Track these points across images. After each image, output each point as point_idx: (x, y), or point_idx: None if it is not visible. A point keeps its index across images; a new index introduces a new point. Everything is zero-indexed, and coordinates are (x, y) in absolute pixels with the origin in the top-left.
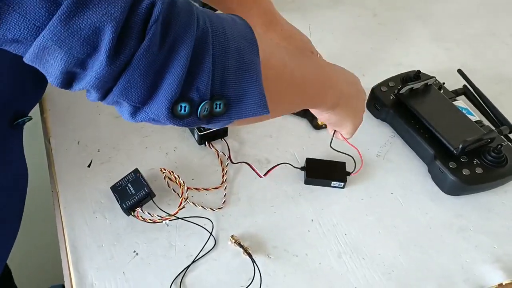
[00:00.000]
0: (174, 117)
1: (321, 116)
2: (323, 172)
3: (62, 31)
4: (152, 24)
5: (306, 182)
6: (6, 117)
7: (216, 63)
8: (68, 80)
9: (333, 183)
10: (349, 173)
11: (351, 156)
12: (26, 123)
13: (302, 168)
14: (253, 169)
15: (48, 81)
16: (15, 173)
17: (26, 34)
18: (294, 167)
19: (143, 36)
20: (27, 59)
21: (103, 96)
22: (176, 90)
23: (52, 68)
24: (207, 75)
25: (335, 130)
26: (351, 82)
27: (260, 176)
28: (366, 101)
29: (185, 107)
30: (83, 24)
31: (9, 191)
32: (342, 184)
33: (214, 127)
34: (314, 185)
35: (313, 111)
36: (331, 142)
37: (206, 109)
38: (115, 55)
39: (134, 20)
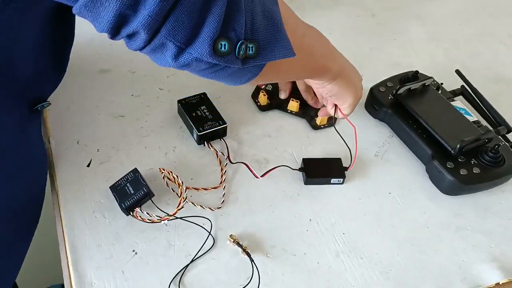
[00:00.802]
0: (215, 54)
1: (323, 89)
2: (321, 171)
3: None
4: None
5: (306, 183)
6: (27, 101)
7: (246, 9)
8: (118, 24)
9: (333, 180)
10: (346, 168)
11: (348, 147)
12: (45, 107)
13: (300, 169)
14: (250, 170)
15: (97, 29)
16: (35, 158)
17: None
18: (292, 169)
19: None
20: (76, 9)
21: (151, 38)
22: (217, 28)
23: (105, 11)
24: (242, 17)
25: (335, 109)
26: (347, 60)
27: (257, 177)
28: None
29: (224, 45)
30: None
31: (32, 174)
32: (342, 180)
33: (248, 74)
34: (314, 184)
35: (315, 84)
36: (334, 121)
37: (242, 49)
38: None
39: None
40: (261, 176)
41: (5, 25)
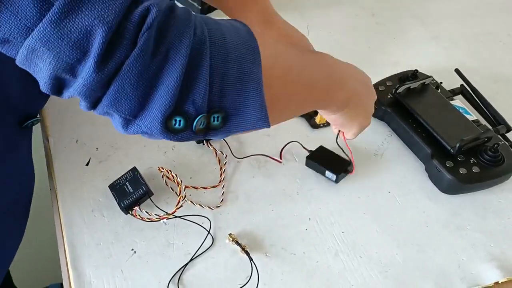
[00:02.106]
0: (168, 131)
1: (328, 117)
2: (324, 160)
3: (52, 33)
4: (144, 31)
5: (306, 164)
6: (16, 119)
7: (214, 73)
8: (58, 86)
9: (327, 173)
10: (346, 171)
11: (348, 157)
12: (35, 124)
13: (310, 151)
14: (271, 158)
15: (40, 87)
16: (22, 174)
17: (16, 34)
18: (303, 147)
19: (135, 44)
20: (18, 62)
21: (93, 106)
22: (170, 103)
23: (41, 72)
24: (203, 87)
25: (339, 130)
26: (361, 81)
27: (280, 161)
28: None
29: (179, 121)
30: (74, 27)
31: (17, 191)
32: (335, 177)
33: (211, 138)
34: (312, 169)
35: (320, 111)
36: (336, 138)
37: (202, 123)
38: (103, 61)
39: (127, 26)
40: (280, 159)
41: None
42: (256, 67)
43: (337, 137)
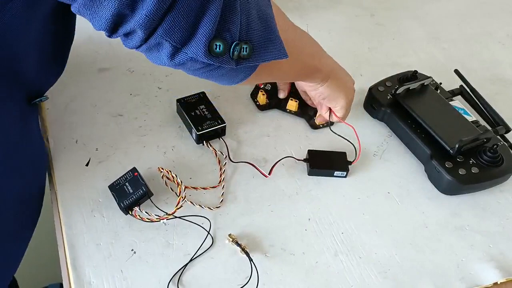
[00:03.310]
0: (211, 55)
1: (316, 92)
2: (326, 163)
3: None
4: None
5: (309, 173)
6: (26, 94)
7: (241, 10)
8: (116, 23)
9: (336, 173)
10: (350, 162)
11: (351, 143)
12: (42, 101)
13: (304, 160)
14: (258, 169)
15: (95, 27)
16: (35, 152)
17: None
18: (297, 159)
19: None
20: (75, 7)
21: (148, 37)
22: (212, 29)
23: (104, 10)
24: (237, 19)
25: (329, 112)
26: (337, 63)
27: (266, 176)
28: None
29: (219, 45)
30: None
31: (31, 169)
32: (345, 173)
33: (241, 74)
34: (317, 175)
35: (308, 87)
36: (329, 125)
37: (237, 50)
38: None
39: None
40: (268, 174)
41: (7, 22)
42: (270, 10)
43: (330, 120)
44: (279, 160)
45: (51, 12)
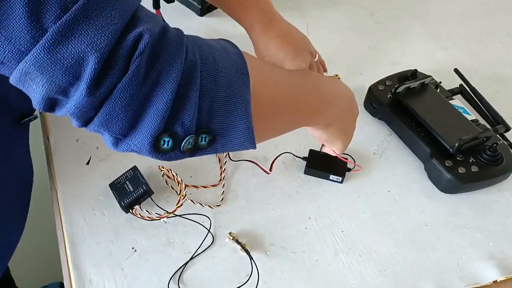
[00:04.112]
0: (156, 151)
1: (314, 133)
2: (324, 165)
3: (45, 58)
4: (136, 56)
5: (305, 172)
6: (13, 116)
7: (204, 95)
8: (50, 105)
9: (332, 177)
10: (349, 169)
11: (350, 155)
12: (32, 121)
13: (304, 158)
14: (259, 166)
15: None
16: (21, 172)
17: (10, 58)
18: (295, 156)
19: (127, 68)
20: (11, 81)
21: (84, 125)
22: (160, 124)
23: (34, 93)
24: (193, 109)
25: (322, 144)
26: (346, 97)
27: (268, 173)
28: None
29: (168, 141)
30: (67, 53)
31: (16, 190)
32: (340, 178)
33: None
34: (313, 176)
35: (307, 128)
36: (320, 149)
37: (190, 143)
38: (95, 86)
39: (119, 52)
40: (269, 171)
41: None
42: (245, 89)
43: (320, 149)
44: (279, 155)
45: None
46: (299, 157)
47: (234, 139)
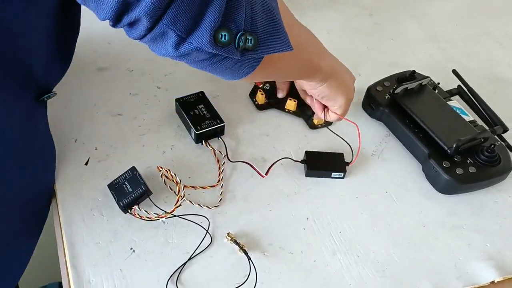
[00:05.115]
0: (216, 44)
1: (315, 91)
2: (323, 164)
3: None
4: None
5: (307, 175)
6: (34, 91)
7: (246, 2)
8: (121, 12)
9: (334, 174)
10: (347, 163)
11: (348, 143)
12: (51, 97)
13: (302, 161)
14: (255, 169)
15: (99, 16)
16: (44, 147)
17: None
18: (294, 160)
19: None
20: None
21: (152, 26)
22: (217, 19)
23: None
24: (242, 10)
25: (325, 113)
26: (339, 62)
27: (263, 176)
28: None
29: (225, 35)
30: None
31: (39, 165)
32: (342, 174)
33: (245, 68)
34: (315, 177)
35: (307, 86)
36: (327, 124)
37: (242, 40)
38: None
39: None
40: (265, 174)
41: (13, 16)
42: (274, 3)
43: (325, 119)
44: (277, 161)
45: (55, 6)
46: (297, 161)
47: (274, 42)
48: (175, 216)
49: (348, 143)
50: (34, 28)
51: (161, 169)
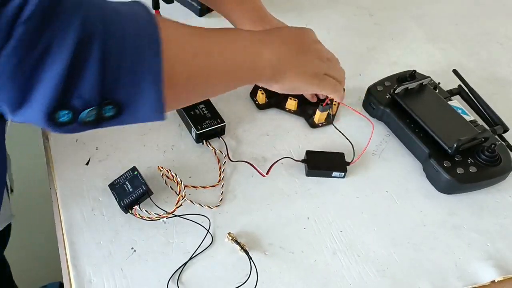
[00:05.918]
0: (53, 124)
1: (273, 88)
2: (324, 164)
3: None
4: (20, 23)
5: (307, 174)
6: None
7: (108, 64)
8: None
9: (334, 174)
10: (348, 163)
11: (350, 142)
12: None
13: (303, 161)
14: (255, 168)
15: None
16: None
17: None
18: (294, 160)
19: (10, 36)
20: None
21: None
22: (53, 97)
23: None
24: (91, 82)
25: (327, 102)
26: (289, 40)
27: (263, 175)
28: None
29: (67, 114)
30: None
31: None
32: (343, 174)
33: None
34: (315, 176)
35: (273, 88)
36: (332, 119)
37: (92, 115)
38: None
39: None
40: (266, 173)
41: None
42: (154, 58)
43: (331, 114)
44: (277, 161)
45: None
46: (298, 161)
47: (142, 111)
48: (176, 216)
49: (350, 142)
50: None
51: (162, 169)
